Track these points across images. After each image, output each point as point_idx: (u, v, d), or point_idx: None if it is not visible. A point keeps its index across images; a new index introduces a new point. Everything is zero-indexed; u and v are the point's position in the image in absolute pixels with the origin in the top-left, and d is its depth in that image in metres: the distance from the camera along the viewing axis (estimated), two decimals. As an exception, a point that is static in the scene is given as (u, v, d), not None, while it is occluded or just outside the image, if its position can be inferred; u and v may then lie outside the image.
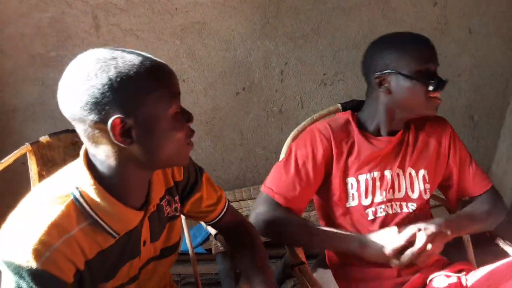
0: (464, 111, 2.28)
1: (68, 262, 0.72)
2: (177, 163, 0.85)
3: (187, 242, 1.29)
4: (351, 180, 1.16)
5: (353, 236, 1.10)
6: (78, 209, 0.75)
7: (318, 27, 1.96)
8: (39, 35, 1.77)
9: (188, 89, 1.96)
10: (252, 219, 1.12)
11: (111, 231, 0.78)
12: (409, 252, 1.03)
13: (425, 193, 1.18)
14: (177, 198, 0.96)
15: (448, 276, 1.11)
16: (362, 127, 1.20)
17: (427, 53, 1.11)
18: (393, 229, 1.08)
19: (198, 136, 2.08)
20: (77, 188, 0.75)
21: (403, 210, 1.17)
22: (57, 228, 0.71)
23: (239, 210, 1.90)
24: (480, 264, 1.17)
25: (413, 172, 1.18)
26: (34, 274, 0.68)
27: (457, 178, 1.22)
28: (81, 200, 0.75)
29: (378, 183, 1.16)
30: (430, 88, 1.08)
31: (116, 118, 0.70)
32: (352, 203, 1.16)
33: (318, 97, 2.11)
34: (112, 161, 0.75)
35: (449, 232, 1.07)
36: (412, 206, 1.18)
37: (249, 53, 1.97)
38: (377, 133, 1.19)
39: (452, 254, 1.89)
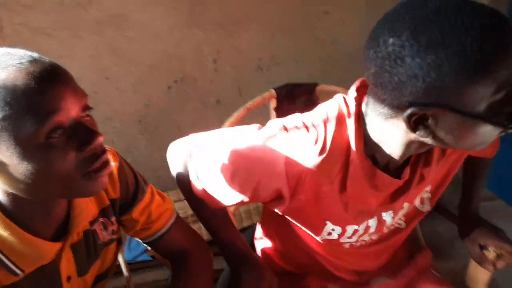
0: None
1: None
2: (75, 196, 0.66)
3: (122, 255, 1.17)
4: (336, 229, 0.84)
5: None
6: None
7: (248, 13, 1.86)
8: None
9: (113, 87, 1.81)
10: (172, 171, 0.93)
11: (13, 267, 0.63)
12: None
13: (423, 204, 0.91)
14: (113, 219, 0.81)
15: None
16: (367, 156, 0.75)
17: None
18: None
19: (132, 136, 1.95)
20: None
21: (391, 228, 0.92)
22: None
23: (185, 210, 1.80)
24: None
25: (417, 201, 0.89)
26: None
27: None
28: None
29: (373, 228, 0.86)
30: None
31: None
32: (328, 237, 0.86)
33: (256, 83, 2.01)
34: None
35: None
36: (401, 221, 0.92)
37: (177, 44, 1.84)
38: (385, 166, 0.76)
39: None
